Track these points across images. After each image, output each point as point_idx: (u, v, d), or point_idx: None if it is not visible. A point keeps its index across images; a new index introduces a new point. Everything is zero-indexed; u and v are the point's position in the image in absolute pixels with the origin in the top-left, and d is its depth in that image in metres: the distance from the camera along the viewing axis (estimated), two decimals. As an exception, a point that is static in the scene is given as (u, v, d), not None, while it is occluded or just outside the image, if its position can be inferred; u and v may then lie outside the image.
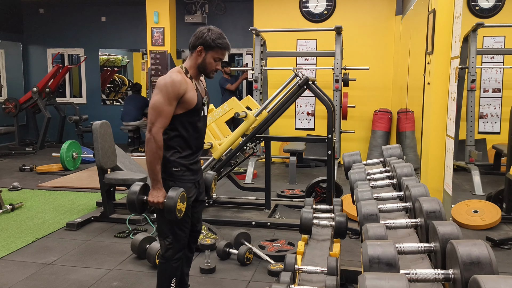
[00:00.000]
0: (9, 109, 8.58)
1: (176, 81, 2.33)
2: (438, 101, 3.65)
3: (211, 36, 2.37)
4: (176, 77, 2.34)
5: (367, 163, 2.89)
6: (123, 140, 8.79)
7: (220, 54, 2.42)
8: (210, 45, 2.37)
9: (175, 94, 2.32)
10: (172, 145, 2.42)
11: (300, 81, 4.18)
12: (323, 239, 2.73)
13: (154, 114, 2.32)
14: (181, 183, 2.43)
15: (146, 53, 9.18)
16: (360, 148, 6.71)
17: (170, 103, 2.32)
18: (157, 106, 2.32)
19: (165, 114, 2.32)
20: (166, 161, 2.41)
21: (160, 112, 2.31)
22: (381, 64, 7.40)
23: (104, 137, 4.47)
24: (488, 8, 6.76)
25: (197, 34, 2.40)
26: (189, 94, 2.36)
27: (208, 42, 2.37)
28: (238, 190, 5.25)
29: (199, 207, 2.68)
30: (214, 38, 2.37)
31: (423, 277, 1.36)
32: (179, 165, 2.43)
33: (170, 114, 2.34)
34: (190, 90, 2.37)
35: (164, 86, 2.32)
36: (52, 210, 4.93)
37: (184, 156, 2.44)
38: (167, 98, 2.31)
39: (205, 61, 2.41)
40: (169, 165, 2.42)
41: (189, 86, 2.37)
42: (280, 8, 7.67)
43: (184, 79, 2.37)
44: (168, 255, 2.48)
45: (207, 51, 2.39)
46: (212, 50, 2.39)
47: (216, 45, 2.38)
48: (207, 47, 2.38)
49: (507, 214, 4.40)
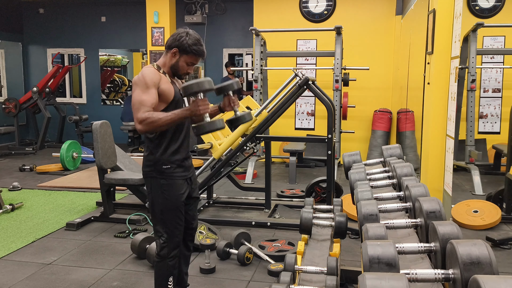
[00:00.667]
0: (9, 109, 8.58)
1: (148, 71, 2.37)
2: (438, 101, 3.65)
3: (188, 41, 2.39)
4: (147, 69, 2.39)
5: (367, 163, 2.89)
6: (123, 140, 8.79)
7: (193, 59, 2.44)
8: (186, 49, 2.40)
9: (152, 82, 2.33)
10: (160, 142, 2.43)
11: (300, 81, 4.18)
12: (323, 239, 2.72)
13: (136, 107, 2.31)
14: (172, 180, 2.44)
15: (146, 53, 9.18)
16: (360, 148, 6.71)
17: (149, 91, 2.32)
18: (136, 99, 2.32)
19: (146, 101, 2.30)
20: (155, 159, 2.43)
21: (141, 102, 2.30)
22: (381, 64, 7.40)
23: (104, 137, 4.47)
24: (488, 8, 6.76)
25: (175, 36, 2.43)
26: (164, 86, 2.38)
27: (184, 46, 2.39)
28: (238, 190, 5.25)
29: (193, 204, 2.68)
30: (190, 43, 2.39)
31: (423, 277, 1.36)
32: (169, 163, 2.44)
33: (152, 100, 2.31)
34: (165, 83, 2.40)
35: (138, 80, 2.35)
36: (52, 210, 4.93)
37: (173, 152, 2.45)
38: (144, 87, 2.32)
39: (178, 64, 2.44)
40: (159, 163, 2.43)
41: (162, 78, 2.40)
42: (280, 8, 7.67)
43: (157, 72, 2.40)
44: (163, 253, 2.48)
45: (182, 54, 2.42)
46: (186, 54, 2.42)
47: (191, 50, 2.40)
48: (182, 51, 2.41)
49: (507, 214, 4.39)
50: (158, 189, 2.45)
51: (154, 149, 2.44)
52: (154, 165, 2.43)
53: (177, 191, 2.46)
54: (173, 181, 2.44)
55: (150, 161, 2.45)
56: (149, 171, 2.46)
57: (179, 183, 2.46)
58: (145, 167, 2.48)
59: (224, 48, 9.20)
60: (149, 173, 2.47)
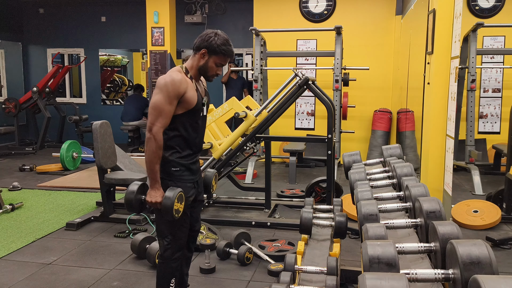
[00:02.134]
0: (9, 109, 8.58)
1: (176, 80, 2.32)
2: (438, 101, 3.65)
3: (217, 41, 2.37)
4: (176, 76, 2.34)
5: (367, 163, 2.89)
6: (123, 140, 8.79)
7: (222, 60, 2.42)
8: (215, 50, 2.37)
9: (175, 93, 2.31)
10: (172, 145, 2.42)
11: (300, 81, 4.18)
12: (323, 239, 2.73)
13: (154, 113, 2.32)
14: (180, 183, 2.43)
15: (146, 53, 9.18)
16: (360, 148, 6.71)
17: (171, 102, 2.31)
18: (157, 105, 2.31)
19: (166, 113, 2.32)
20: (165, 160, 2.41)
21: (161, 112, 2.31)
22: (381, 64, 7.40)
23: (104, 137, 4.47)
24: (488, 8, 6.76)
25: (203, 37, 2.40)
26: (189, 94, 2.36)
27: (213, 47, 2.37)
28: (238, 190, 5.25)
29: (197, 207, 2.68)
30: (219, 43, 2.37)
31: (423, 277, 1.36)
32: (178, 165, 2.43)
33: (170, 114, 2.34)
34: (190, 90, 2.37)
35: (164, 86, 2.31)
36: (52, 210, 4.93)
37: (183, 156, 2.44)
38: (167, 97, 2.30)
39: (207, 65, 2.41)
40: (168, 165, 2.41)
41: (189, 85, 2.37)
42: (280, 8, 7.67)
43: (184, 78, 2.37)
44: (167, 255, 2.47)
45: (211, 55, 2.39)
46: (215, 55, 2.39)
47: (221, 51, 2.38)
48: (211, 51, 2.38)
49: (507, 214, 4.39)
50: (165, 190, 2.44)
51: (165, 150, 2.41)
52: (163, 166, 2.41)
53: (185, 194, 2.43)
54: (181, 184, 2.42)
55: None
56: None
57: (186, 186, 2.45)
58: None
59: (224, 48, 9.18)
60: None
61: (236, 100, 4.62)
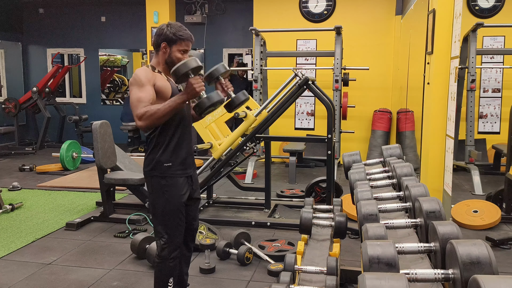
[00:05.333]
0: (9, 109, 8.58)
1: (141, 70, 2.38)
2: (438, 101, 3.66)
3: (171, 30, 2.40)
4: (140, 69, 2.40)
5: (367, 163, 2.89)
6: (123, 140, 8.79)
7: (184, 45, 2.43)
8: (172, 39, 2.39)
9: (146, 79, 2.33)
10: (161, 140, 2.42)
11: (300, 81, 4.18)
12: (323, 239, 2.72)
13: (135, 104, 2.30)
14: (173, 179, 2.43)
15: (146, 53, 9.18)
16: (360, 148, 6.70)
17: (144, 88, 2.32)
18: (134, 98, 2.32)
19: (143, 97, 2.30)
20: (157, 158, 2.42)
21: (138, 99, 2.30)
22: (381, 64, 7.41)
23: (104, 137, 4.47)
24: (488, 8, 6.76)
25: (157, 32, 2.44)
26: (160, 83, 2.38)
27: (170, 37, 2.39)
28: (238, 190, 5.25)
29: (194, 205, 2.66)
30: (174, 31, 2.40)
31: (423, 277, 1.36)
32: (169, 161, 2.43)
33: (149, 96, 2.31)
34: (160, 80, 2.40)
35: (133, 80, 2.35)
36: (52, 210, 4.93)
37: (174, 151, 2.44)
38: (139, 85, 2.32)
39: (171, 56, 2.43)
40: (160, 161, 2.42)
41: (158, 76, 2.40)
42: (280, 8, 7.67)
43: (151, 71, 2.41)
44: (164, 255, 2.47)
45: (171, 45, 2.41)
46: (175, 43, 2.41)
47: (179, 37, 2.40)
48: (170, 42, 2.40)
49: (507, 214, 4.39)
50: (159, 190, 2.44)
51: (154, 149, 2.42)
52: (155, 165, 2.42)
53: (179, 192, 2.44)
54: (174, 180, 2.43)
55: (151, 160, 2.44)
56: (150, 170, 2.45)
57: (180, 183, 2.45)
58: (145, 167, 2.47)
59: (224, 48, 9.19)
60: (149, 172, 2.45)
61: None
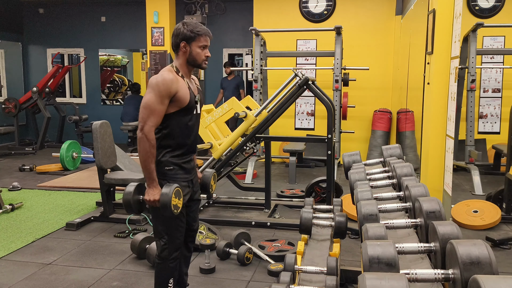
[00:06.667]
0: (9, 109, 8.58)
1: (167, 79, 2.34)
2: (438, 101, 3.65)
3: (187, 28, 2.41)
4: (167, 75, 2.36)
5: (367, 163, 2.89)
6: (123, 140, 8.79)
7: (203, 41, 2.44)
8: (190, 36, 2.40)
9: (167, 93, 2.33)
10: (165, 144, 2.43)
11: (300, 81, 4.18)
12: (323, 239, 2.72)
13: (146, 112, 2.33)
14: (174, 182, 2.43)
15: (146, 53, 9.17)
16: (360, 148, 6.71)
17: (162, 102, 2.33)
18: (149, 105, 2.32)
19: (157, 112, 2.33)
20: (158, 160, 2.42)
21: (152, 111, 2.32)
22: (381, 64, 7.40)
23: (104, 137, 4.47)
24: (488, 8, 6.76)
25: (175, 33, 2.45)
26: (181, 93, 2.37)
27: (188, 35, 2.40)
28: (238, 190, 5.25)
29: (194, 206, 2.67)
30: (191, 29, 2.41)
31: (423, 277, 1.36)
32: (172, 164, 2.43)
33: (162, 113, 2.35)
34: (182, 89, 2.39)
35: (156, 85, 2.33)
36: (52, 210, 4.93)
37: (177, 155, 2.45)
38: (159, 96, 2.32)
39: (193, 54, 2.43)
40: (162, 165, 2.42)
41: (180, 84, 2.39)
42: (280, 8, 7.67)
43: (176, 77, 2.39)
44: (164, 255, 2.47)
45: (190, 43, 2.42)
46: (194, 40, 2.42)
47: (196, 34, 2.41)
48: (189, 40, 2.41)
49: (507, 214, 4.39)
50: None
51: (157, 151, 2.42)
52: (157, 166, 2.42)
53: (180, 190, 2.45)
54: (175, 183, 2.42)
55: None
56: None
57: (181, 186, 2.45)
58: None
59: (224, 48, 9.19)
60: None
61: (236, 100, 4.62)
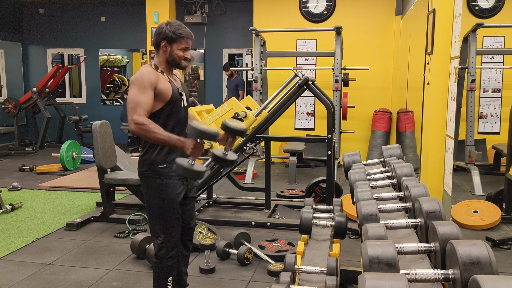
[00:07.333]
0: (9, 109, 8.58)
1: (145, 71, 2.38)
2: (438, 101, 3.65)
3: (170, 29, 2.42)
4: (145, 69, 2.40)
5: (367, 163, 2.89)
6: (123, 140, 8.79)
7: (184, 43, 2.45)
8: (172, 37, 2.41)
9: (149, 83, 2.34)
10: None
11: (300, 81, 4.18)
12: (323, 239, 2.72)
13: (131, 106, 2.31)
14: (168, 179, 2.43)
15: (146, 53, 9.18)
16: (360, 148, 6.70)
17: (145, 92, 2.33)
18: (132, 98, 2.32)
19: (142, 103, 2.31)
20: (151, 159, 2.42)
21: (137, 102, 2.31)
22: (381, 64, 7.40)
23: (104, 137, 4.47)
24: (488, 8, 6.75)
25: (157, 31, 2.45)
26: (162, 85, 2.39)
27: (169, 36, 2.41)
28: (238, 190, 5.25)
29: (190, 204, 2.67)
30: (173, 30, 2.41)
31: (423, 277, 1.36)
32: (165, 162, 2.43)
33: (148, 103, 2.32)
34: (162, 81, 2.40)
35: (135, 79, 2.36)
36: (52, 210, 4.93)
37: (169, 152, 2.44)
38: (141, 87, 2.33)
39: (173, 54, 2.45)
40: (155, 163, 2.42)
41: (160, 78, 2.41)
42: (280, 8, 7.67)
43: (155, 72, 2.41)
44: (161, 254, 2.48)
45: (171, 43, 2.43)
46: (175, 42, 2.43)
47: (178, 35, 2.42)
48: (170, 40, 2.42)
49: (507, 214, 4.39)
50: (154, 189, 2.44)
51: (149, 149, 2.43)
52: (150, 165, 2.43)
53: (174, 191, 2.45)
54: (169, 180, 2.43)
55: (145, 161, 2.45)
56: (145, 171, 2.45)
57: (175, 182, 2.46)
58: (140, 167, 2.48)
59: (224, 48, 9.19)
60: (145, 173, 2.46)
61: (236, 100, 4.61)
